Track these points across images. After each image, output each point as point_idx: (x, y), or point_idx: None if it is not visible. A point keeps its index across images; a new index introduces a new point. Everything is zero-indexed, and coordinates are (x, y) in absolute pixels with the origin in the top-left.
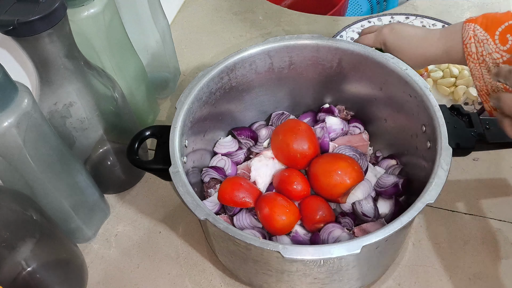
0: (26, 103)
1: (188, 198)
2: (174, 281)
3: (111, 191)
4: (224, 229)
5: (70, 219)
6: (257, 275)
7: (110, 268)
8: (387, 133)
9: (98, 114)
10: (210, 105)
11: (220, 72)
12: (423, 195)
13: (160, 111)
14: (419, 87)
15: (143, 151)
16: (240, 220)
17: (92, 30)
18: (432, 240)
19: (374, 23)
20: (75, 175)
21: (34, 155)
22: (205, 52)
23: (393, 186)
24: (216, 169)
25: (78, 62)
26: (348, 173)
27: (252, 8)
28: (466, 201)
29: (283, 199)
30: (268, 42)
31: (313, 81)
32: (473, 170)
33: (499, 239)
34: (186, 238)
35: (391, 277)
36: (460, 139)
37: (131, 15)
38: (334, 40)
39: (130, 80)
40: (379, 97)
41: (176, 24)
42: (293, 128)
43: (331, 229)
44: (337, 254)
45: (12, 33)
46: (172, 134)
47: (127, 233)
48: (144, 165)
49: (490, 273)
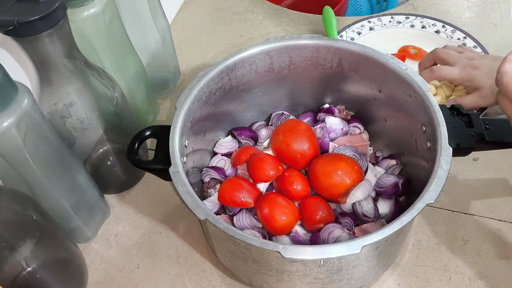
0: (26, 103)
1: (188, 198)
2: (174, 281)
3: (111, 191)
4: (224, 229)
5: (70, 219)
6: (257, 275)
7: (110, 268)
8: (387, 133)
9: (98, 114)
10: (210, 105)
11: (220, 72)
12: (423, 195)
13: (160, 111)
14: (419, 87)
15: (143, 151)
16: (240, 220)
17: (92, 30)
18: (432, 240)
19: (374, 23)
20: (75, 175)
21: (34, 155)
22: (205, 52)
23: (393, 186)
24: (216, 169)
25: (78, 62)
26: (348, 173)
27: (252, 8)
28: (466, 201)
29: (283, 199)
30: (268, 42)
31: (313, 81)
32: (473, 170)
33: (499, 239)
34: (186, 238)
35: (391, 277)
36: (460, 139)
37: (131, 15)
38: (334, 40)
39: (130, 80)
40: (379, 97)
41: (176, 24)
42: (293, 128)
43: (331, 229)
44: (337, 254)
45: (12, 33)
46: (172, 134)
47: (127, 233)
48: (144, 165)
49: (490, 273)
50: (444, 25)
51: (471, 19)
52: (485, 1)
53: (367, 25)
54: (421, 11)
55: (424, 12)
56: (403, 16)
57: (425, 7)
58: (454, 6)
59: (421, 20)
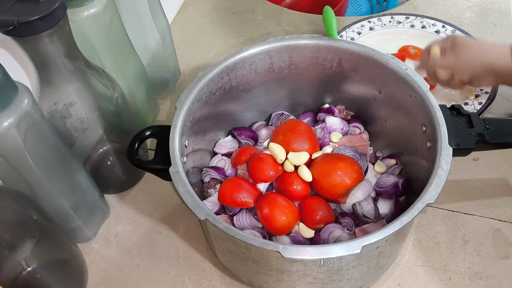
0: (26, 103)
1: (188, 198)
2: (174, 281)
3: (111, 191)
4: (224, 229)
5: (70, 219)
6: (257, 275)
7: (110, 268)
8: (387, 133)
9: (98, 114)
10: (210, 105)
11: (220, 72)
12: (423, 195)
13: (160, 111)
14: (419, 87)
15: (143, 151)
16: (240, 220)
17: (92, 30)
18: (432, 240)
19: (374, 23)
20: (75, 175)
21: (34, 155)
22: (205, 52)
23: (393, 186)
24: (216, 169)
25: (78, 62)
26: (348, 173)
27: (252, 8)
28: (466, 201)
29: (283, 199)
30: (268, 42)
31: (313, 81)
32: (473, 170)
33: (499, 239)
34: (186, 238)
35: (391, 277)
36: (460, 139)
37: (131, 15)
38: (334, 40)
39: (130, 80)
40: (379, 97)
41: (176, 24)
42: (293, 128)
43: (332, 229)
44: (337, 254)
45: (12, 33)
46: (172, 134)
47: (127, 233)
48: (144, 165)
49: (490, 273)
50: (444, 25)
51: (471, 19)
52: (485, 1)
53: (367, 25)
54: (421, 11)
55: (424, 12)
56: (403, 16)
57: (425, 7)
58: (454, 6)
59: (421, 20)
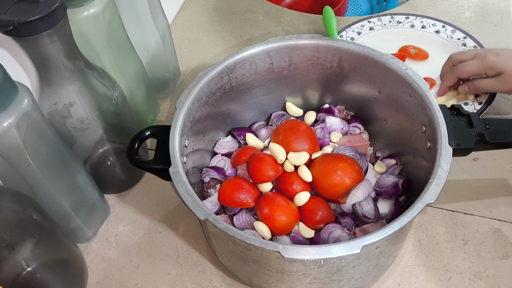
0: (26, 103)
1: (188, 198)
2: (174, 281)
3: (111, 191)
4: (224, 229)
5: (70, 219)
6: (257, 275)
7: (110, 268)
8: (387, 133)
9: (98, 114)
10: (210, 105)
11: (220, 72)
12: (423, 195)
13: (160, 111)
14: (419, 87)
15: (143, 151)
16: (240, 220)
17: (92, 30)
18: (432, 240)
19: (374, 23)
20: (75, 175)
21: (34, 155)
22: (205, 52)
23: (393, 186)
24: (216, 169)
25: (78, 62)
26: (348, 174)
27: (252, 8)
28: (466, 201)
29: (283, 199)
30: (268, 42)
31: (313, 81)
32: (473, 170)
33: (499, 239)
34: (186, 238)
35: (391, 277)
36: (460, 139)
37: (131, 15)
38: (334, 40)
39: (130, 80)
40: (379, 97)
41: (176, 24)
42: (293, 128)
43: (332, 229)
44: (337, 254)
45: (12, 33)
46: (172, 134)
47: (127, 233)
48: (144, 165)
49: (490, 273)
50: (444, 25)
51: (471, 19)
52: (485, 1)
53: (367, 25)
54: (421, 11)
55: (424, 12)
56: (403, 16)
57: (425, 7)
58: (454, 6)
59: (421, 20)
